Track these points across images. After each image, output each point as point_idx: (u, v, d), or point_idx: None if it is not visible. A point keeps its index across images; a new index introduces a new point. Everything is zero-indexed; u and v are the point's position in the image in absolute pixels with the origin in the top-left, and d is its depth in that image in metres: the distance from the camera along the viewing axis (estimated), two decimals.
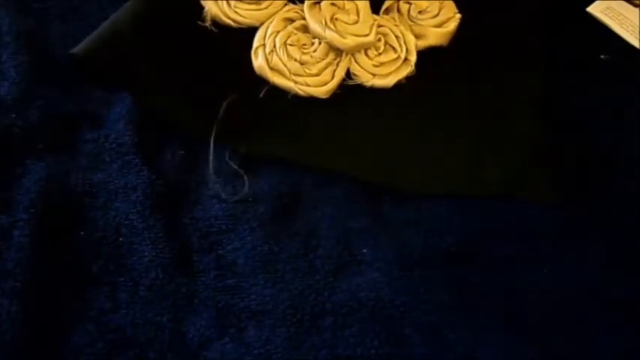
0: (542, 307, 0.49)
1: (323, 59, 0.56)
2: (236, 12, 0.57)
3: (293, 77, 0.54)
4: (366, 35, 0.56)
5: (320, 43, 0.56)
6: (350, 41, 0.56)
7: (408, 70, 0.56)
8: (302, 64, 0.55)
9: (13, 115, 0.52)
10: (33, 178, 0.50)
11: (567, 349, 0.47)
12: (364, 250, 0.50)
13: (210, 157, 0.52)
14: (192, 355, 0.46)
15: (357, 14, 0.57)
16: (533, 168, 0.54)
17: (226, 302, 0.48)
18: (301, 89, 0.55)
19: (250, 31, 0.57)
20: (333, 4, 0.57)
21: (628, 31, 0.59)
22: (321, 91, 0.55)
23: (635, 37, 0.59)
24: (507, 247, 0.51)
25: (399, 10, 0.59)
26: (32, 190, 0.50)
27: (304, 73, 0.55)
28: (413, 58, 0.57)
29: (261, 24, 0.57)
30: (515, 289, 0.49)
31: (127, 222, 0.50)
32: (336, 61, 0.56)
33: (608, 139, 0.56)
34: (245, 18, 0.57)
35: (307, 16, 0.56)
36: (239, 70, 0.55)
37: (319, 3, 0.57)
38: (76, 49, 0.55)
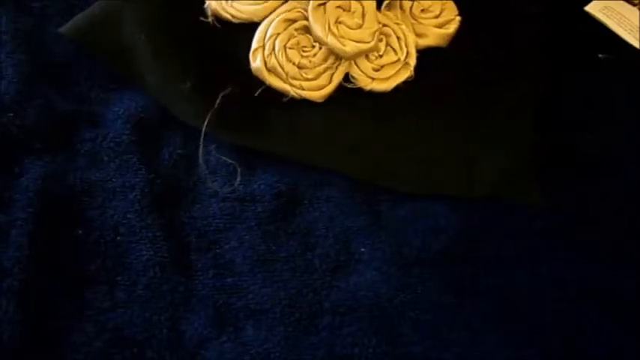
0: (540, 306, 0.49)
1: (321, 64, 0.55)
2: (233, 7, 0.56)
3: (290, 80, 0.54)
4: (367, 42, 0.56)
5: (320, 48, 0.56)
6: (349, 49, 0.55)
7: (407, 74, 0.56)
8: (300, 68, 0.55)
9: (11, 115, 0.52)
10: (31, 177, 0.51)
11: (566, 349, 0.47)
12: (362, 250, 0.50)
13: (200, 150, 0.52)
14: (190, 354, 0.46)
15: (363, 17, 0.56)
16: (531, 170, 0.54)
17: (224, 301, 0.48)
18: (297, 92, 0.54)
19: (252, 27, 0.56)
20: (338, 7, 0.56)
21: (626, 31, 0.59)
22: (317, 95, 0.55)
23: (634, 37, 0.59)
24: (506, 246, 0.51)
25: (401, 7, 0.59)
26: (30, 189, 0.50)
27: (301, 77, 0.55)
28: (412, 61, 0.56)
29: (261, 20, 0.56)
30: (513, 288, 0.49)
31: (124, 221, 0.50)
32: (335, 65, 0.56)
33: (607, 139, 0.56)
34: (242, 13, 0.56)
35: (311, 18, 0.56)
36: (239, 65, 0.55)
37: (325, 5, 0.56)
38: (65, 29, 0.54)
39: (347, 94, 0.55)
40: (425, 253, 0.50)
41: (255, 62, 0.54)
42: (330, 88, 0.55)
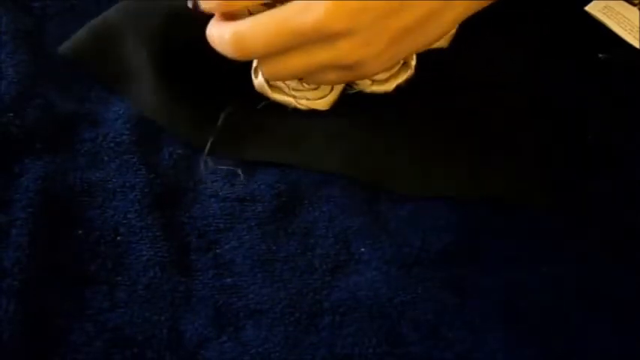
0: (541, 306, 0.49)
1: None
2: None
3: (292, 93, 0.54)
4: None
5: None
6: None
7: (407, 73, 0.55)
8: (300, 79, 0.54)
9: (11, 115, 0.52)
10: (31, 177, 0.51)
11: (567, 349, 0.47)
12: (362, 249, 0.50)
13: (203, 162, 0.52)
14: (190, 354, 0.46)
15: None
16: (533, 171, 0.54)
17: (224, 301, 0.48)
18: (301, 103, 0.54)
19: None
20: None
21: (626, 31, 0.59)
22: (321, 104, 0.55)
23: (634, 37, 0.59)
24: (506, 246, 0.51)
25: None
26: (30, 189, 0.50)
27: (303, 88, 0.54)
28: (413, 61, 0.56)
29: None
30: (513, 288, 0.49)
31: (124, 221, 0.50)
32: None
33: (608, 139, 0.56)
34: None
35: None
36: (241, 80, 0.55)
37: None
38: (63, 48, 0.55)
39: (348, 98, 0.55)
40: (425, 253, 0.50)
41: (257, 79, 0.54)
42: (333, 96, 0.55)
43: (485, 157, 0.54)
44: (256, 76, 0.54)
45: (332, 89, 0.55)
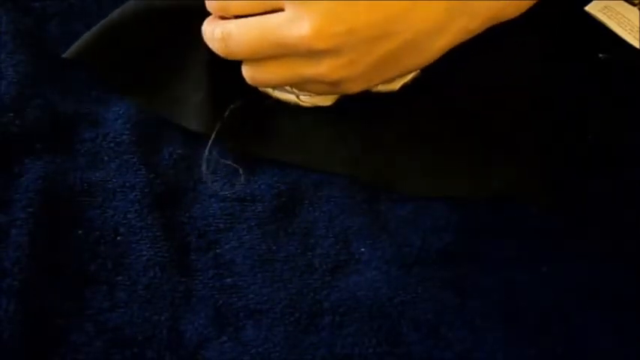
0: (541, 306, 0.49)
1: None
2: None
3: (294, 90, 0.54)
4: None
5: None
6: None
7: (414, 72, 0.56)
8: None
9: (11, 115, 0.52)
10: (31, 177, 0.51)
11: (567, 349, 0.47)
12: (362, 249, 0.50)
13: (205, 155, 0.52)
14: (190, 354, 0.47)
15: None
16: (533, 172, 0.54)
17: (224, 301, 0.48)
18: (304, 100, 0.54)
19: None
20: None
21: (626, 31, 0.59)
22: (325, 100, 0.54)
23: (634, 37, 0.59)
24: (506, 246, 0.51)
25: None
26: (30, 189, 0.50)
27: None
28: None
29: None
30: (514, 288, 0.49)
31: (124, 221, 0.50)
32: None
33: (608, 139, 0.56)
34: None
35: None
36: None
37: None
38: (68, 53, 0.55)
39: (353, 96, 0.55)
40: (425, 252, 0.50)
41: None
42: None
43: (485, 157, 0.54)
44: None
45: None
